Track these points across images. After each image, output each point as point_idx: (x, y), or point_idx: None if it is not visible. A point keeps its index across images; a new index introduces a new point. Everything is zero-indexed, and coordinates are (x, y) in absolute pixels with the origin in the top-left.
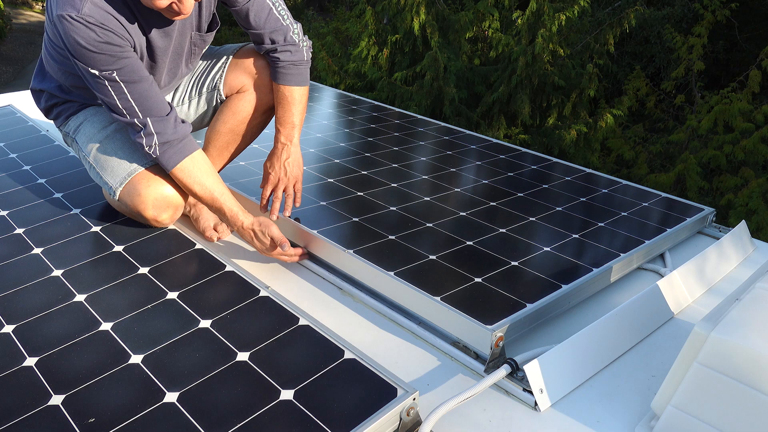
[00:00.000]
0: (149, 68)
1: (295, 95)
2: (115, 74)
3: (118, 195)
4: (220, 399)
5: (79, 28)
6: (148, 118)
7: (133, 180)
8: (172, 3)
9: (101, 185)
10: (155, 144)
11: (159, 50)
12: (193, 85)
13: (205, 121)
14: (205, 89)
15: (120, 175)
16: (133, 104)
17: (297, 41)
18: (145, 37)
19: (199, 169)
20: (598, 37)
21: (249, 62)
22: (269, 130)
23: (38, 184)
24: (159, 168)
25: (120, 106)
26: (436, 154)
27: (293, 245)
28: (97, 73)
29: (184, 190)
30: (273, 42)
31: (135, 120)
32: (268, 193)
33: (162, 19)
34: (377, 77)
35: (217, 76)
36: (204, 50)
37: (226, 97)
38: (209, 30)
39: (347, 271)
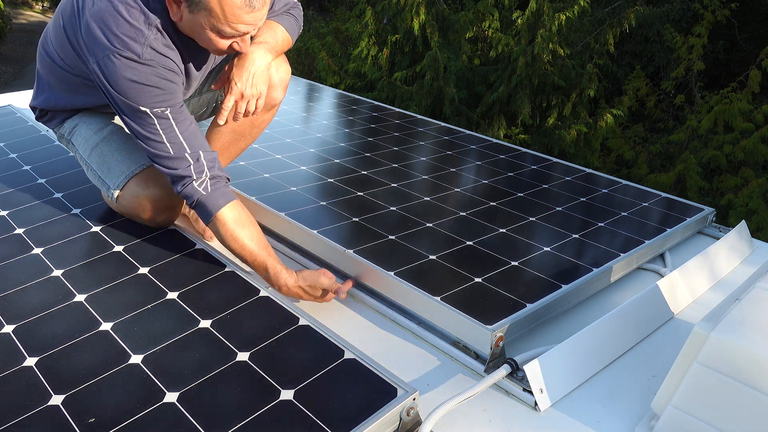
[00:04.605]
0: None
1: (278, 31)
2: (168, 111)
3: (116, 197)
4: (220, 399)
5: (137, 67)
6: (200, 151)
7: (131, 182)
8: (232, 44)
9: (99, 187)
10: (206, 178)
11: (194, 79)
12: None
13: (204, 116)
14: (205, 89)
15: (118, 177)
16: (182, 141)
17: (299, 11)
18: (184, 70)
19: (246, 214)
20: (598, 37)
21: None
22: (270, 130)
23: (38, 184)
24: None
25: (166, 142)
26: (436, 154)
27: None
28: (147, 110)
29: (221, 237)
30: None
31: (185, 154)
32: (230, 104)
33: (203, 52)
34: (377, 77)
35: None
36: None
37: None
38: None
39: (347, 272)
